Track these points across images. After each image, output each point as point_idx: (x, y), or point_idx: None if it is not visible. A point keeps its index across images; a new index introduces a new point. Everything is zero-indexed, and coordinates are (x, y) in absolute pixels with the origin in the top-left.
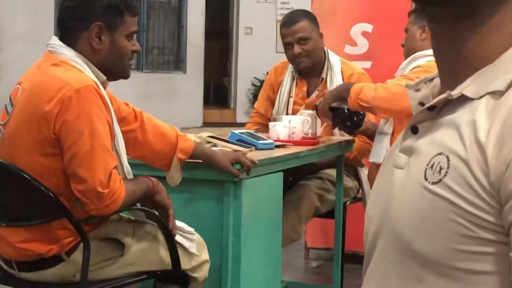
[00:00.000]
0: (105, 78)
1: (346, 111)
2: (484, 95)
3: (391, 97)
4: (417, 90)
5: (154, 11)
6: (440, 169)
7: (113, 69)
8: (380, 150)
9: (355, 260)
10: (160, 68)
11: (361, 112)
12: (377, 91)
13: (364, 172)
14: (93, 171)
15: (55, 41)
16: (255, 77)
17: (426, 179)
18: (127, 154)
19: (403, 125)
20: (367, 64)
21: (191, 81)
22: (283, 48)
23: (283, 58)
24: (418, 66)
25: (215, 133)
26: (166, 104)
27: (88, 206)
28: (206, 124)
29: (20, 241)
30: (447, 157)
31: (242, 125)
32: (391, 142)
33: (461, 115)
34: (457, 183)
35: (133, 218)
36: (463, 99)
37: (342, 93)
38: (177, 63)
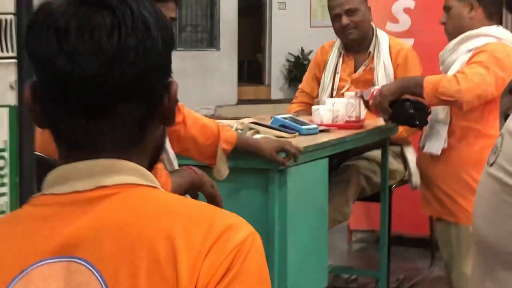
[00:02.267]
0: None
1: (412, 109)
2: None
3: (475, 87)
4: None
5: None
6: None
7: None
8: (439, 141)
9: (400, 243)
10: (194, 46)
11: (427, 109)
12: (460, 83)
13: (410, 152)
14: None
15: None
16: (289, 53)
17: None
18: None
19: (462, 113)
20: (410, 42)
21: (225, 58)
22: (331, 21)
23: (318, 33)
24: (481, 50)
25: (251, 111)
26: (201, 82)
27: None
28: (241, 102)
29: None
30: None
31: (277, 101)
32: (448, 133)
33: None
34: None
35: None
36: None
37: (411, 89)
38: (211, 41)
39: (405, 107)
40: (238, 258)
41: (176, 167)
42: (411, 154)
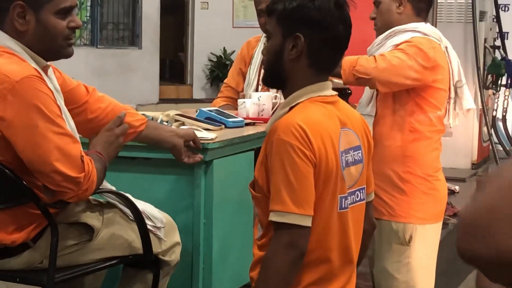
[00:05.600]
0: (46, 63)
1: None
2: None
3: (392, 68)
4: None
5: None
6: None
7: (46, 51)
8: None
9: None
10: (115, 44)
11: (348, 91)
12: (377, 62)
13: None
14: (61, 161)
15: None
16: (211, 53)
17: None
18: (79, 133)
19: (387, 106)
20: None
21: (147, 56)
22: (257, 16)
23: (240, 33)
24: (406, 41)
25: (173, 110)
26: (122, 81)
27: (66, 195)
28: (163, 101)
29: None
30: None
31: (199, 101)
32: (374, 125)
33: None
34: None
35: (103, 201)
36: None
37: None
38: (133, 39)
39: None
40: None
41: None
42: None
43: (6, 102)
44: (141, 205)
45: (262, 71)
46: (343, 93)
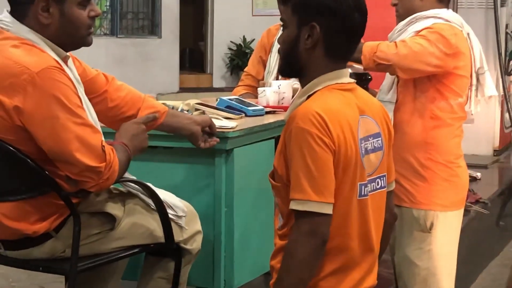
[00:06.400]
0: (66, 53)
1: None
2: None
3: (413, 55)
4: None
5: None
6: None
7: (69, 42)
8: None
9: None
10: (135, 33)
11: (369, 76)
12: (398, 48)
13: None
14: (82, 151)
15: (7, 17)
16: (231, 41)
17: None
18: (100, 122)
19: (408, 92)
20: None
21: (167, 46)
22: (277, 3)
23: (260, 21)
24: (428, 28)
25: (194, 99)
26: (142, 70)
27: (87, 184)
28: (183, 90)
29: (6, 218)
30: None
31: (219, 90)
32: (395, 111)
33: None
34: None
35: (124, 191)
36: None
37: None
38: (152, 28)
39: None
40: None
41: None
42: None
43: (26, 93)
44: (162, 194)
45: None
46: (363, 79)
